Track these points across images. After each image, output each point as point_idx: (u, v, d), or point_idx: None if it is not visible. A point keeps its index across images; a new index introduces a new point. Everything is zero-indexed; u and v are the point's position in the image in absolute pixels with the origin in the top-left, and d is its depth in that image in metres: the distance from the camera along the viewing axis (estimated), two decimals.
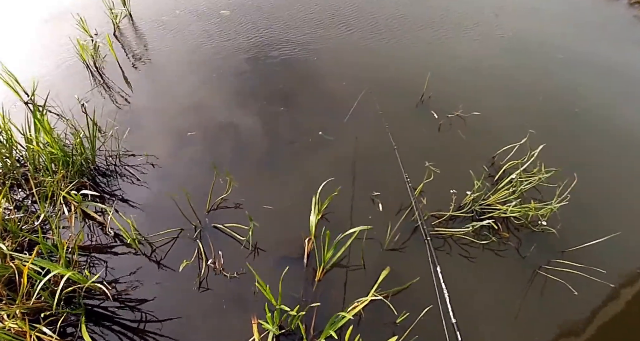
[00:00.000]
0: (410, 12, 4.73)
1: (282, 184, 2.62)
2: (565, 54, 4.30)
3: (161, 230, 2.25)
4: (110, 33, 3.95)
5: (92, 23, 3.95)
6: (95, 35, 3.85)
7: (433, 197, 2.54)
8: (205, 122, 3.04)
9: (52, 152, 2.36)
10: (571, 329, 2.11)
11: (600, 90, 3.86)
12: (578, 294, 2.19)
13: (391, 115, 3.20)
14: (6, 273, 2.10)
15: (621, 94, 3.86)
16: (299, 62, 3.78)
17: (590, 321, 2.14)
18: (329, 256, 2.02)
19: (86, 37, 3.74)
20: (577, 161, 3.01)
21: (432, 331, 1.83)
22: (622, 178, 3.02)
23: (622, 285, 2.32)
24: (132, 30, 4.07)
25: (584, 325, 2.12)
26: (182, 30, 4.13)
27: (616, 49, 4.54)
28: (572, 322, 2.13)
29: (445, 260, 2.29)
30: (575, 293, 2.19)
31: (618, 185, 2.95)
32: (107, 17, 4.05)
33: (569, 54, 4.29)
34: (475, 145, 3.05)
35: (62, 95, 3.07)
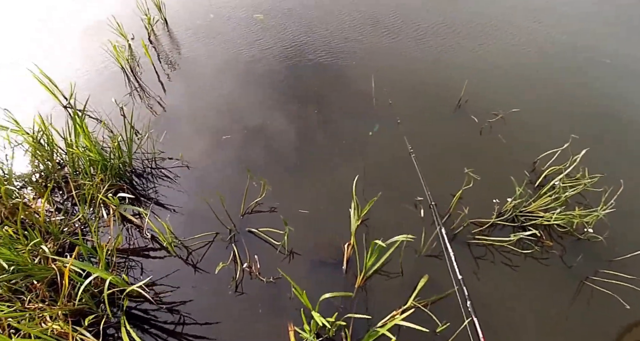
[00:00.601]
0: (452, 20, 4.59)
1: (317, 188, 2.58)
2: (613, 58, 4.08)
3: (196, 233, 2.25)
4: (145, 38, 4.02)
5: (128, 29, 4.03)
6: (132, 40, 3.91)
7: (473, 204, 2.44)
8: (239, 125, 3.04)
9: (90, 155, 2.40)
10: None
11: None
12: (630, 308, 2.05)
13: (429, 120, 3.17)
14: (48, 275, 2.14)
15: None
16: (336, 66, 3.74)
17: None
18: (370, 263, 1.97)
19: (123, 42, 3.81)
20: (623, 167, 2.85)
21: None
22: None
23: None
24: (166, 35, 4.12)
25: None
26: (216, 34, 4.15)
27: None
28: (622, 337, 2.00)
29: (486, 269, 2.21)
30: (628, 307, 2.05)
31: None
32: (142, 23, 4.12)
33: (616, 59, 4.07)
34: (516, 150, 2.93)
35: (99, 99, 3.13)
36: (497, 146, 2.97)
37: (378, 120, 3.11)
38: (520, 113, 3.17)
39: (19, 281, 2.09)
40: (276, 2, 4.74)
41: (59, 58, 3.74)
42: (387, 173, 2.72)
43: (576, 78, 3.76)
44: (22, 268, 2.07)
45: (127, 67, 3.54)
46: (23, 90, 3.24)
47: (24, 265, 2.06)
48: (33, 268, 2.10)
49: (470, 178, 2.44)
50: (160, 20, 4.28)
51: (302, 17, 4.48)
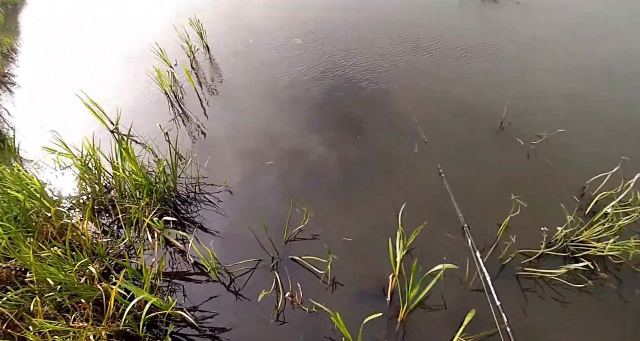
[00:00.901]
0: (493, 41, 4.56)
1: (360, 215, 2.55)
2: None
3: (238, 258, 2.26)
4: (187, 64, 4.19)
5: (171, 56, 4.22)
6: (175, 66, 4.08)
7: (521, 232, 2.35)
8: (281, 150, 3.08)
9: (136, 179, 2.47)
10: None
11: None
12: None
13: (472, 143, 3.11)
14: (94, 295, 2.19)
15: None
16: (377, 90, 3.76)
17: None
18: (413, 295, 1.91)
19: (166, 68, 3.98)
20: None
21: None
22: None
23: None
24: (208, 61, 4.30)
25: None
26: (256, 59, 4.27)
27: None
28: None
29: (536, 304, 2.09)
30: None
31: None
32: (184, 50, 4.30)
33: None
34: (564, 174, 2.82)
35: (144, 124, 3.27)
36: (544, 170, 2.86)
37: (420, 146, 3.08)
38: (567, 134, 3.07)
39: (65, 300, 2.15)
40: (315, 27, 4.85)
41: (106, 84, 3.96)
42: (431, 200, 2.66)
43: (625, 96, 3.62)
44: (68, 287, 2.13)
45: (170, 92, 3.67)
46: (71, 115, 3.41)
47: (70, 285, 2.12)
48: (79, 288, 2.16)
49: (518, 205, 2.35)
50: (201, 47, 4.45)
51: (341, 40, 4.56)
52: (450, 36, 4.59)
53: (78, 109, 3.23)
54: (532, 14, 5.17)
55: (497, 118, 3.26)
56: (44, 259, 2.25)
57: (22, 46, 5.59)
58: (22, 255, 2.15)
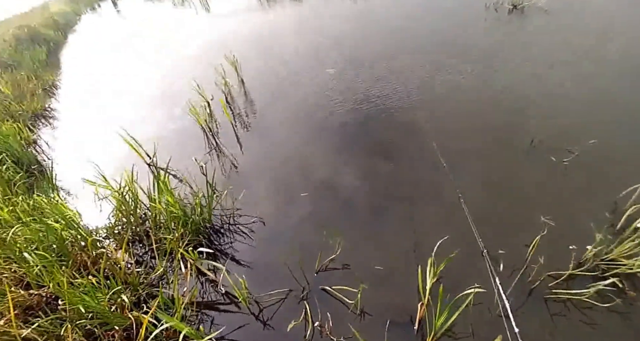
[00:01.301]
0: (519, 56, 4.57)
1: (392, 244, 2.58)
2: None
3: (269, 288, 2.32)
4: (223, 98, 4.41)
5: (208, 91, 4.44)
6: (212, 100, 4.33)
7: (551, 253, 2.34)
8: (313, 182, 3.15)
9: (172, 211, 2.62)
10: None
11: None
12: None
13: (502, 163, 3.11)
14: (125, 323, 2.24)
15: None
16: (409, 119, 3.80)
17: None
18: (440, 323, 1.94)
19: (203, 102, 4.22)
20: None
21: None
22: None
23: None
24: (242, 95, 4.49)
25: None
26: (289, 91, 4.41)
27: None
28: None
29: (563, 327, 2.07)
30: None
31: None
32: (219, 85, 4.54)
33: None
34: (594, 191, 2.78)
35: (181, 157, 3.45)
36: (575, 186, 2.83)
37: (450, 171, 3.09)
38: (599, 149, 3.04)
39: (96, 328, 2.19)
40: (347, 56, 5.01)
41: (144, 119, 4.21)
42: (463, 227, 2.64)
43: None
44: (99, 315, 2.19)
45: (206, 126, 3.88)
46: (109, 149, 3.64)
47: (102, 313, 2.18)
48: (109, 316, 2.22)
49: (546, 225, 2.38)
50: (236, 81, 4.71)
51: (372, 69, 4.63)
52: (477, 54, 4.67)
53: (115, 143, 3.45)
54: (559, 21, 5.20)
55: (527, 136, 3.30)
56: (76, 287, 2.33)
57: (62, 82, 6.02)
58: (55, 282, 2.24)
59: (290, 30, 6.21)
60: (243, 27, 6.60)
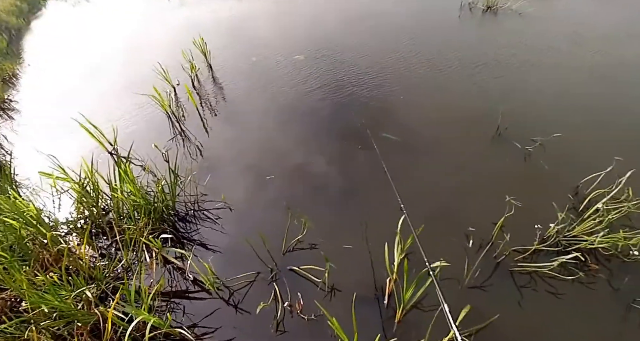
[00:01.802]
0: (491, 52, 4.69)
1: (360, 223, 2.57)
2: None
3: (238, 273, 2.27)
4: (189, 83, 4.25)
5: (175, 76, 4.28)
6: (177, 85, 4.14)
7: (517, 231, 2.40)
8: (281, 165, 3.11)
9: (135, 200, 2.49)
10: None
11: None
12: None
13: (470, 149, 3.19)
14: (91, 320, 2.15)
15: None
16: (377, 101, 3.84)
17: None
18: (408, 296, 1.92)
19: (168, 88, 4.05)
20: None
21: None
22: None
23: None
24: (210, 80, 4.35)
25: None
26: (259, 76, 4.34)
27: None
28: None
29: (530, 297, 2.13)
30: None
31: None
32: (187, 70, 4.36)
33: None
34: (558, 175, 2.90)
35: (144, 145, 3.29)
36: (540, 172, 2.95)
37: (420, 153, 3.16)
38: (563, 138, 3.17)
39: (62, 327, 2.10)
40: (317, 43, 4.97)
41: (106, 107, 3.99)
42: (431, 204, 2.71)
43: (617, 100, 3.77)
44: (65, 314, 2.09)
45: (170, 112, 3.73)
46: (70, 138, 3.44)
47: (67, 311, 2.08)
48: (76, 314, 2.12)
49: (512, 205, 2.42)
50: (204, 66, 4.52)
51: (342, 56, 4.67)
52: (450, 49, 4.76)
53: (77, 133, 3.27)
54: (531, 24, 5.39)
55: (495, 123, 3.38)
56: (39, 286, 2.22)
57: (23, 71, 5.66)
58: (16, 284, 2.12)
59: (262, 19, 6.00)
60: (215, 15, 6.34)
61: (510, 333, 1.96)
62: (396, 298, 2.02)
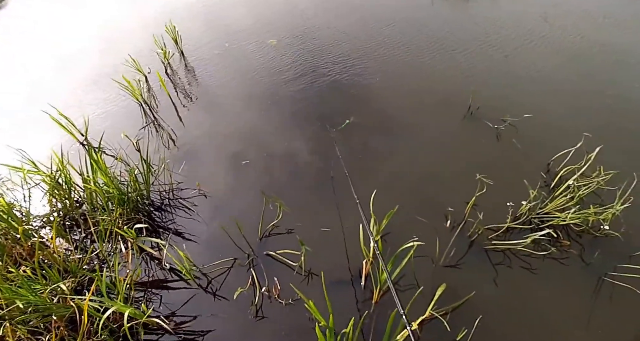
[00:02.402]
0: (462, 34, 4.66)
1: (336, 206, 2.55)
2: (621, 55, 4.14)
3: (216, 260, 2.25)
4: (162, 71, 4.11)
5: (147, 64, 4.14)
6: (148, 74, 4.00)
7: (491, 210, 2.42)
8: (257, 151, 3.05)
9: (108, 191, 2.42)
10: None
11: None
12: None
13: (443, 129, 3.19)
14: (67, 312, 2.10)
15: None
16: (351, 85, 3.79)
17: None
18: (384, 278, 1.93)
19: (140, 76, 3.91)
20: (638, 161, 2.83)
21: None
22: None
23: None
24: (183, 67, 4.21)
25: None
26: (232, 62, 4.23)
27: None
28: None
29: (505, 273, 2.17)
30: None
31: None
32: (160, 56, 4.21)
33: (625, 55, 4.14)
34: (530, 154, 2.93)
35: (117, 134, 3.17)
36: (512, 151, 2.97)
37: (394, 135, 3.14)
38: (534, 118, 3.19)
39: (38, 321, 2.05)
40: (289, 27, 4.86)
41: (77, 96, 3.83)
42: (406, 186, 2.71)
43: (586, 77, 3.81)
44: (40, 308, 2.04)
45: (143, 101, 3.60)
46: (42, 130, 3.30)
47: (42, 305, 2.03)
48: (52, 307, 2.07)
49: (484, 184, 2.44)
50: (176, 53, 4.37)
51: (314, 39, 4.59)
52: (423, 33, 4.70)
53: (47, 125, 3.13)
54: (502, 7, 5.29)
55: (466, 105, 3.38)
56: (12, 282, 2.15)
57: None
58: None
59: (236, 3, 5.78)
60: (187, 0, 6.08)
61: (486, 310, 1.99)
62: (372, 279, 2.03)
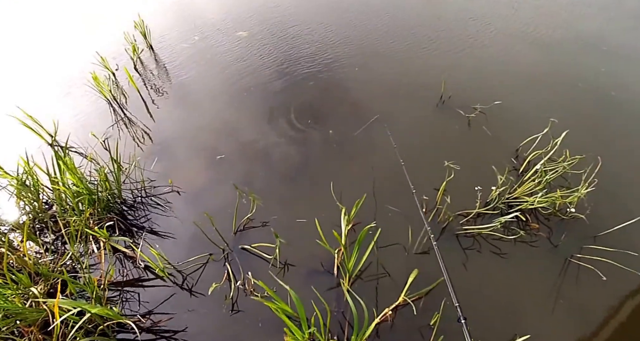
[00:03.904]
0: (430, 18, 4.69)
1: (311, 198, 2.53)
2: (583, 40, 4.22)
3: (191, 257, 2.20)
4: (131, 66, 3.96)
5: (116, 60, 3.99)
6: (116, 70, 3.84)
7: (459, 196, 2.45)
8: (230, 145, 2.98)
9: (78, 191, 2.33)
10: (606, 314, 1.99)
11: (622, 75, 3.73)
12: (609, 280, 2.08)
13: (416, 118, 3.19)
14: (40, 316, 2.03)
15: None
16: (324, 76, 3.74)
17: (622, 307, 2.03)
18: (351, 265, 1.95)
19: (107, 73, 3.76)
20: (602, 145, 2.93)
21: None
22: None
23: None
24: (153, 62, 4.06)
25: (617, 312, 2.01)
26: (202, 55, 4.11)
27: None
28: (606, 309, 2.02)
29: (476, 258, 2.20)
30: (604, 279, 2.09)
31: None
32: (128, 52, 4.05)
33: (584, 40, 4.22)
34: (499, 140, 2.97)
35: (87, 134, 3.05)
36: (482, 138, 3.00)
37: (366, 125, 3.12)
38: (503, 105, 3.23)
39: (10, 327, 1.97)
40: (259, 18, 4.75)
41: (44, 97, 3.65)
42: (379, 176, 2.70)
43: (555, 65, 3.86)
44: (11, 313, 1.96)
45: (112, 98, 3.46)
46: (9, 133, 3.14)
47: (14, 310, 1.95)
48: (24, 312, 1.99)
49: (453, 170, 2.46)
50: (145, 47, 4.21)
51: (285, 30, 4.50)
52: (396, 23, 4.66)
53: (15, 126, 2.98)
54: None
55: (439, 93, 3.39)
56: None
57: None
58: None
59: None
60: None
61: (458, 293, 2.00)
62: (341, 268, 2.04)
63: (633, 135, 3.07)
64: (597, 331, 1.92)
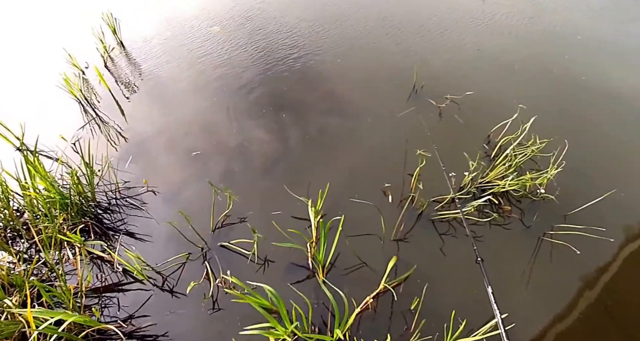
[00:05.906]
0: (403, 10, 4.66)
1: (288, 191, 2.46)
2: (552, 27, 4.27)
3: (169, 257, 2.11)
4: (101, 64, 3.76)
5: (86, 58, 3.78)
6: (86, 69, 3.64)
7: (434, 183, 2.45)
8: (207, 141, 2.88)
9: (49, 196, 2.21)
10: (580, 287, 2.05)
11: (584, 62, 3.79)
12: (582, 253, 2.15)
13: (389, 109, 3.15)
14: (16, 328, 1.93)
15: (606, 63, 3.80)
16: (297, 68, 3.66)
17: (597, 277, 2.10)
18: (322, 257, 1.94)
19: (77, 72, 3.56)
20: (569, 128, 2.99)
21: None
22: (611, 137, 2.97)
23: (622, 240, 2.28)
24: (124, 59, 3.86)
25: (591, 282, 2.08)
26: (175, 51, 3.95)
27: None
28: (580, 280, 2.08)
29: (452, 241, 2.21)
30: (578, 253, 2.15)
31: (609, 144, 2.91)
32: (99, 50, 3.85)
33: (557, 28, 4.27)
34: (472, 127, 2.98)
35: (55, 136, 2.87)
36: (455, 126, 3.01)
37: (343, 116, 3.09)
38: (475, 94, 3.23)
39: None
40: (231, 12, 4.60)
41: (7, 97, 3.42)
42: (354, 167, 2.67)
43: (526, 53, 3.90)
44: None
45: (82, 97, 3.27)
46: None
47: None
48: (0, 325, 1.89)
49: (426, 158, 2.46)
50: (116, 44, 4.00)
51: (258, 24, 4.39)
52: (373, 14, 4.59)
53: None
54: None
55: (411, 82, 3.38)
56: None
57: None
58: None
59: None
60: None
61: (434, 277, 2.02)
62: (312, 260, 2.03)
63: (599, 117, 3.13)
64: (574, 303, 1.97)
